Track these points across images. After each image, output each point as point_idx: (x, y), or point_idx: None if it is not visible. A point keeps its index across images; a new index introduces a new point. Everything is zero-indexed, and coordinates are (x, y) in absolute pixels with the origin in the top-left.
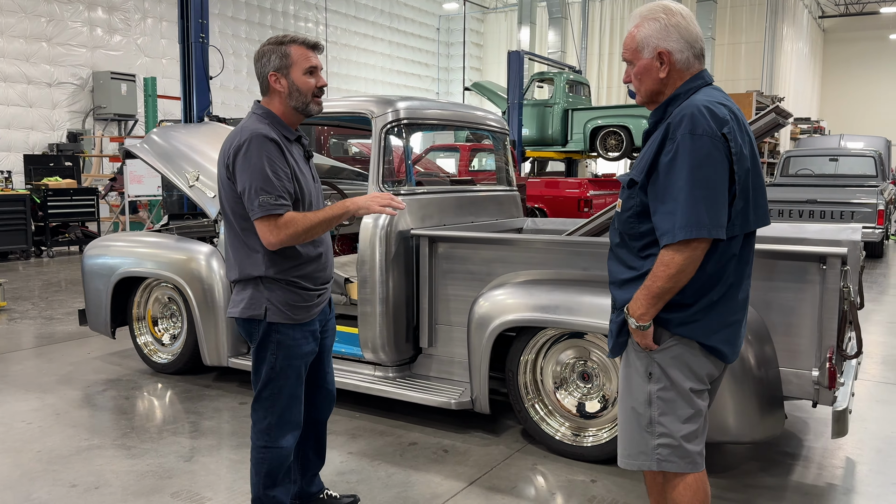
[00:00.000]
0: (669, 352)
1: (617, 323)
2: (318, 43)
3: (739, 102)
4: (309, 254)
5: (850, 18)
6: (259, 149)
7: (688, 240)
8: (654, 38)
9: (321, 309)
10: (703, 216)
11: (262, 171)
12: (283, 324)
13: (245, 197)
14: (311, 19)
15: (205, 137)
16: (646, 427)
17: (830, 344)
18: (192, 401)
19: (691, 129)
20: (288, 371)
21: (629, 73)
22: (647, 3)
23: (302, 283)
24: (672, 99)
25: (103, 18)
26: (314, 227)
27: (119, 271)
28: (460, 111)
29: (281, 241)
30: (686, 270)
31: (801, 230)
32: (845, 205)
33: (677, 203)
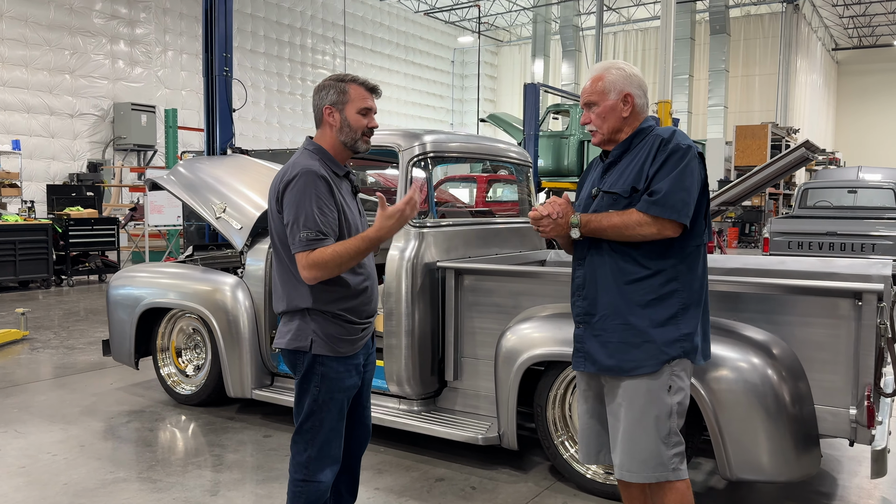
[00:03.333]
0: (682, 363)
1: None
2: (377, 87)
3: (755, 134)
4: (355, 287)
5: (863, 51)
6: (308, 184)
7: (665, 220)
8: (619, 83)
9: (365, 342)
10: (686, 207)
11: (309, 207)
12: (328, 356)
13: (289, 229)
14: (329, 52)
15: (230, 169)
16: (664, 438)
17: (868, 381)
18: (215, 433)
19: (680, 140)
20: (330, 404)
21: (588, 115)
22: (605, 60)
23: (347, 316)
24: (637, 132)
25: (125, 51)
26: (347, 257)
27: (144, 302)
28: (484, 143)
29: (315, 276)
30: (637, 237)
31: (830, 265)
32: (866, 237)
33: (672, 189)
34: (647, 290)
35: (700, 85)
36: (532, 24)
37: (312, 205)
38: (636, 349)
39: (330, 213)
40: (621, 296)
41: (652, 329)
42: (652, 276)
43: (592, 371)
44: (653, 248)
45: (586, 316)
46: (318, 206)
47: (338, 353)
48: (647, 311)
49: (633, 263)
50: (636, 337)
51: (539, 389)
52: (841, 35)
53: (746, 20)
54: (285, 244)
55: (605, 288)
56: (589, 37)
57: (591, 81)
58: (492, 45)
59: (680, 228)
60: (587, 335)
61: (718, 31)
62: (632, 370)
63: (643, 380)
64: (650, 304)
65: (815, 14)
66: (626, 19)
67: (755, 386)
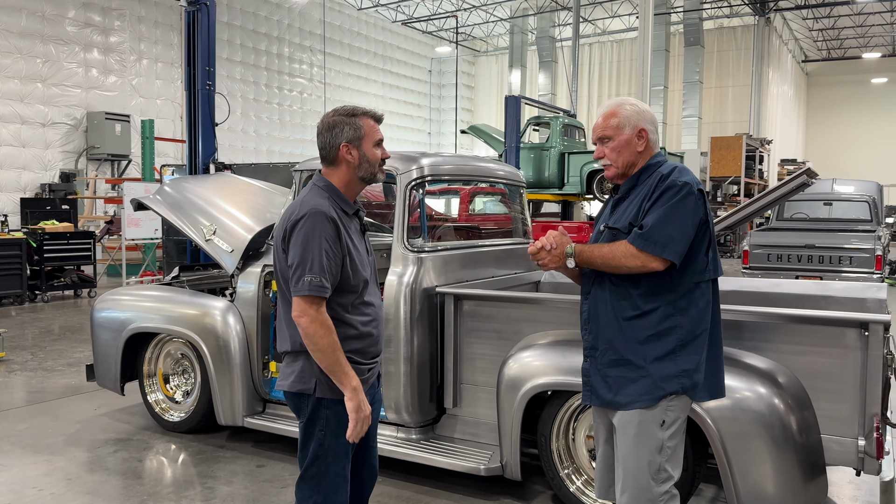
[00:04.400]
0: (679, 400)
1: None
2: (382, 116)
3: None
4: (362, 328)
5: (832, 63)
6: (315, 226)
7: (651, 255)
8: (633, 118)
9: (371, 382)
10: (672, 243)
11: (315, 250)
12: (333, 399)
13: (293, 270)
14: (307, 61)
15: (218, 189)
16: (654, 475)
17: (875, 411)
18: (206, 463)
19: (678, 177)
20: (337, 449)
21: (602, 150)
22: (614, 97)
23: (353, 358)
24: (644, 168)
25: (99, 59)
26: (324, 351)
27: (130, 327)
28: (478, 165)
29: (307, 331)
30: (623, 269)
31: (826, 288)
32: (843, 250)
33: (659, 223)
34: (646, 327)
35: (675, 96)
36: (509, 35)
37: (320, 247)
38: (633, 384)
39: (334, 257)
40: (620, 332)
41: (649, 364)
42: (648, 314)
43: (597, 405)
44: (648, 286)
45: (591, 350)
46: (325, 250)
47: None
48: (645, 347)
49: (628, 301)
50: (632, 372)
51: (543, 419)
52: (811, 47)
53: (720, 32)
54: (289, 284)
55: (607, 323)
56: (565, 48)
57: (604, 117)
58: (469, 55)
59: (665, 264)
60: (592, 369)
61: (693, 42)
62: (627, 404)
63: (636, 412)
64: (648, 341)
65: (785, 27)
66: (602, 31)
67: (762, 415)
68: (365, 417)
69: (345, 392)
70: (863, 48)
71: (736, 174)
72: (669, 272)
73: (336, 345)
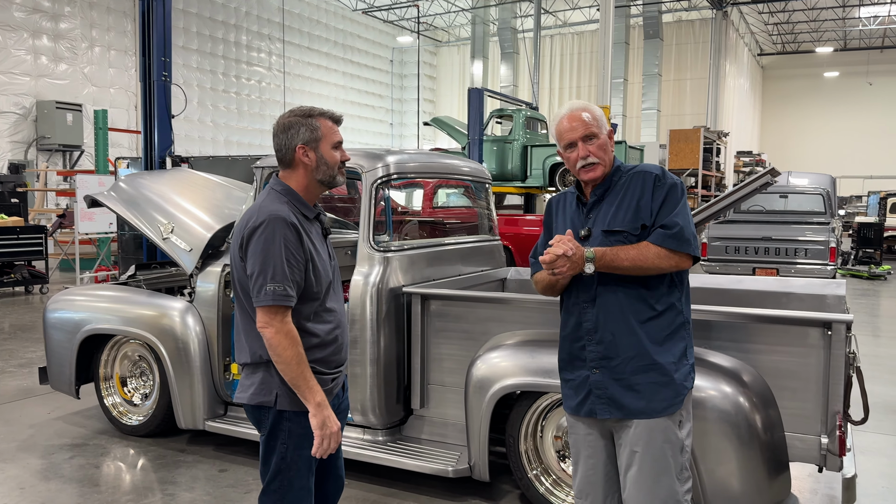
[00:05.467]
0: (689, 395)
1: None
2: (340, 117)
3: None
4: (325, 336)
5: (786, 56)
6: (275, 233)
7: (683, 254)
8: (602, 119)
9: (336, 392)
10: (696, 240)
11: (276, 258)
12: (295, 411)
13: (252, 280)
14: (265, 50)
15: (175, 185)
16: (678, 475)
17: (837, 409)
18: (166, 468)
19: (672, 176)
20: (299, 462)
21: (587, 148)
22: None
23: (316, 368)
24: (616, 169)
25: (48, 46)
26: (291, 368)
27: (86, 328)
28: (444, 162)
29: (272, 342)
30: (654, 269)
31: (787, 285)
32: (798, 242)
33: (685, 223)
34: (662, 328)
35: (634, 89)
36: (471, 26)
37: (281, 255)
38: (665, 388)
39: (297, 265)
40: (644, 336)
41: (672, 365)
42: (662, 314)
43: (618, 416)
44: (659, 286)
45: (604, 360)
46: (287, 257)
47: (305, 408)
48: (666, 348)
49: (643, 303)
50: (663, 376)
51: (511, 420)
52: (766, 41)
53: (678, 25)
54: (248, 293)
55: (625, 329)
56: (527, 39)
57: (581, 116)
58: (431, 45)
59: (692, 261)
60: (608, 380)
61: (652, 35)
62: (663, 410)
63: (664, 419)
64: (666, 341)
65: (742, 20)
66: (563, 22)
67: (728, 414)
68: (332, 434)
69: (309, 408)
70: (816, 42)
71: (694, 166)
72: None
73: (301, 357)
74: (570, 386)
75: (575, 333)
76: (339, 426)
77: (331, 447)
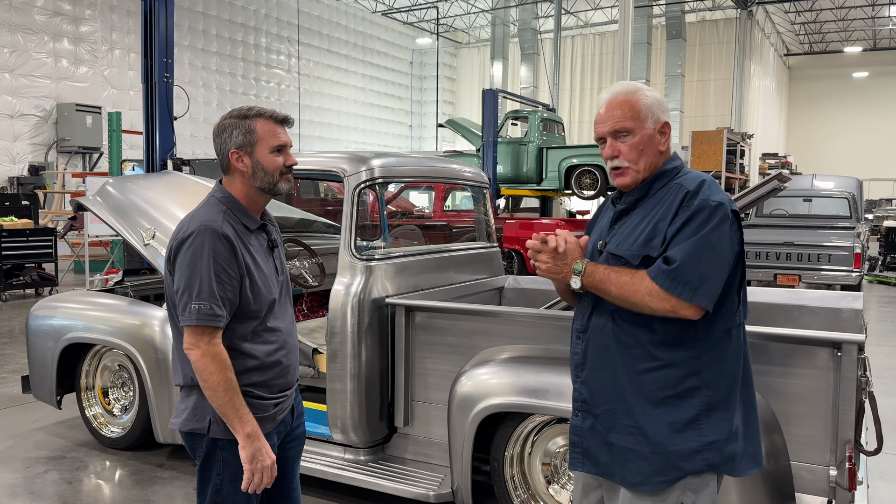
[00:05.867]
0: (703, 480)
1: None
2: (287, 117)
3: (711, 140)
4: (264, 359)
5: (814, 56)
6: (204, 245)
7: (679, 298)
8: (655, 108)
9: (282, 419)
10: (706, 284)
11: (203, 273)
12: (230, 440)
13: (178, 296)
14: (284, 52)
15: (164, 190)
16: None
17: (848, 438)
18: (142, 485)
19: (709, 194)
20: (235, 495)
21: (616, 146)
22: (619, 80)
23: (255, 392)
24: (659, 175)
25: (69, 49)
26: (218, 395)
27: (66, 337)
28: (437, 166)
29: (197, 365)
30: (642, 308)
31: (800, 297)
32: (822, 248)
33: (690, 261)
34: (663, 385)
35: (656, 90)
36: (491, 27)
37: (210, 270)
38: (642, 460)
39: (228, 281)
40: (631, 389)
41: (666, 437)
42: (665, 367)
43: (594, 473)
44: (667, 332)
45: (585, 405)
46: (216, 273)
47: None
48: (661, 412)
49: (640, 349)
50: (644, 445)
51: (496, 443)
52: (792, 41)
53: (702, 25)
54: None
55: (610, 376)
56: (547, 40)
57: (618, 105)
58: (451, 46)
59: (694, 312)
60: (587, 429)
61: (675, 35)
62: (634, 485)
63: (646, 496)
64: (665, 403)
65: (767, 20)
66: (584, 23)
67: None
68: (264, 468)
69: (238, 439)
70: (844, 42)
71: (717, 168)
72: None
73: (230, 383)
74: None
75: (571, 365)
76: (272, 459)
77: (263, 482)
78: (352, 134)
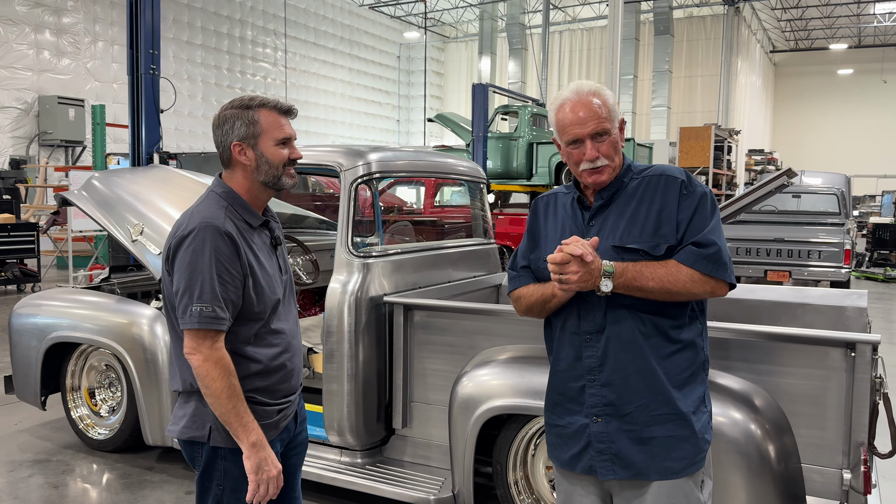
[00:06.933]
0: (710, 452)
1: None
2: (291, 108)
3: (698, 136)
4: (268, 363)
5: (800, 53)
6: (205, 244)
7: (720, 281)
8: (615, 107)
9: (285, 425)
10: (731, 262)
11: (204, 273)
12: (232, 449)
13: (178, 298)
14: (270, 45)
15: (152, 184)
16: None
17: (862, 441)
18: (131, 489)
19: (695, 180)
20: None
21: (595, 148)
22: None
23: (257, 398)
24: (626, 169)
25: (51, 41)
26: (221, 402)
27: (51, 336)
28: (433, 160)
29: (199, 371)
30: (684, 295)
31: (803, 295)
32: (812, 244)
33: (722, 243)
34: (684, 367)
35: (644, 85)
36: (479, 21)
37: (211, 270)
38: (684, 443)
39: (231, 281)
40: (664, 376)
41: (693, 415)
42: (683, 349)
43: (625, 477)
44: (681, 316)
45: (609, 407)
46: (218, 273)
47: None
48: (685, 393)
49: (662, 336)
50: (683, 428)
51: (498, 446)
52: (778, 38)
53: (689, 21)
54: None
55: (641, 368)
56: (535, 35)
57: (591, 104)
58: (438, 41)
59: (727, 289)
60: (615, 431)
61: (662, 31)
62: (683, 470)
63: (685, 480)
64: (686, 384)
65: (754, 17)
66: (572, 18)
67: (738, 443)
68: (270, 478)
69: (242, 448)
70: (830, 39)
71: (704, 164)
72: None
73: (234, 389)
74: (559, 434)
75: (571, 371)
76: (278, 469)
77: (269, 493)
78: (339, 128)
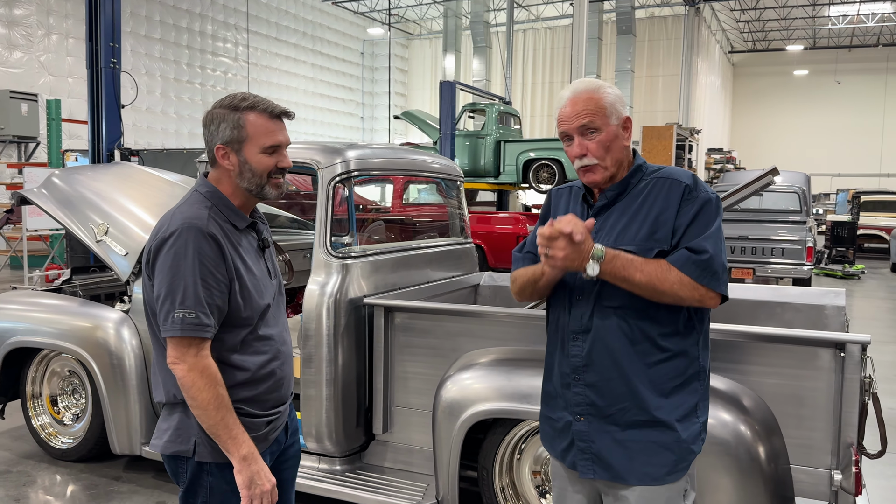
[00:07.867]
0: (694, 465)
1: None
2: (286, 110)
3: (661, 135)
4: (256, 371)
5: (757, 54)
6: (188, 246)
7: (708, 288)
8: (617, 104)
9: (275, 437)
10: (727, 274)
11: (187, 277)
12: (218, 463)
13: (159, 304)
14: (231, 40)
15: (115, 181)
16: None
17: (851, 441)
18: (97, 500)
19: (707, 188)
20: None
21: (584, 144)
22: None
23: (245, 409)
24: (636, 170)
25: (2, 34)
26: (209, 414)
27: (9, 341)
28: (411, 158)
29: (183, 382)
30: (670, 297)
31: (781, 294)
32: (775, 241)
33: (717, 251)
34: (672, 375)
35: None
36: (443, 19)
37: (195, 273)
38: (666, 450)
39: (216, 285)
40: (642, 383)
41: (678, 423)
42: (673, 358)
43: (605, 479)
44: (673, 324)
45: (590, 407)
46: (202, 277)
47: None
48: (674, 402)
49: (649, 342)
50: (665, 435)
51: (484, 451)
52: (737, 39)
53: (651, 21)
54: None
55: (623, 373)
56: (500, 33)
57: (583, 101)
58: (402, 38)
59: (718, 300)
60: (595, 431)
61: (625, 31)
62: (662, 478)
63: (665, 488)
64: (673, 392)
65: (714, 17)
66: (536, 17)
67: (727, 445)
68: (263, 493)
69: (233, 462)
70: (786, 41)
71: (667, 163)
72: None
73: (222, 400)
74: (552, 426)
75: (559, 368)
76: (272, 482)
77: None
78: (302, 125)
